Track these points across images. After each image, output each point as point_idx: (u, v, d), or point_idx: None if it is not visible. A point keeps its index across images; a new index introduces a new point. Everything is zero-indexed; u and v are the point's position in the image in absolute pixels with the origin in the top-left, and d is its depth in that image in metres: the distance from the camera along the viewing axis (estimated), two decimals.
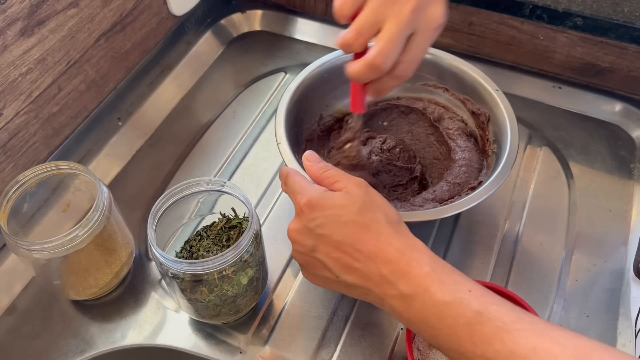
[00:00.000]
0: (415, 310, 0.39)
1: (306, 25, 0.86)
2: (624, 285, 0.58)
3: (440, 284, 0.39)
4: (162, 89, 0.77)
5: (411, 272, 0.40)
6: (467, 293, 0.38)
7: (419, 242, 0.42)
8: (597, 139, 0.71)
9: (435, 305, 0.38)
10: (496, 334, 0.36)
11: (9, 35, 0.54)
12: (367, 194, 0.44)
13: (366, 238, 0.41)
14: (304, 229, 0.44)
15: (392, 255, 0.40)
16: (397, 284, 0.40)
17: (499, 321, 0.36)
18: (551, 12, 0.71)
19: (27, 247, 0.48)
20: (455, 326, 0.37)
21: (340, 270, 0.42)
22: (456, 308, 0.38)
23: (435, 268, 0.40)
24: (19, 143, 0.60)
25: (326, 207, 0.43)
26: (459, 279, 0.40)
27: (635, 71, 0.72)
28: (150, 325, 0.56)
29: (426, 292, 0.39)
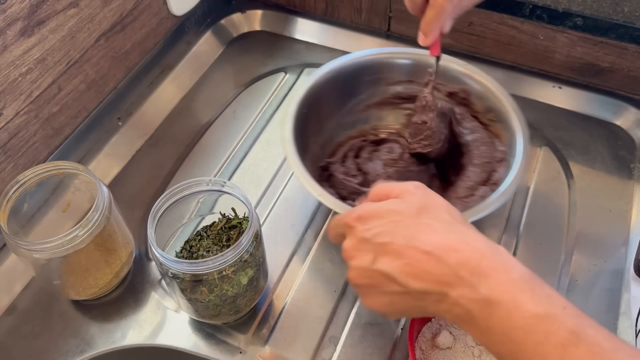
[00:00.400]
0: (498, 319, 0.34)
1: (306, 25, 0.86)
2: (624, 285, 0.58)
3: (532, 294, 0.34)
4: (162, 89, 0.77)
5: (496, 276, 0.34)
6: (561, 309, 0.34)
7: (499, 245, 0.37)
8: (597, 139, 0.71)
9: (523, 318, 0.33)
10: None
11: (9, 35, 0.54)
12: (425, 195, 0.40)
13: (434, 238, 0.37)
14: (360, 241, 0.39)
15: (471, 255, 0.35)
16: (478, 286, 0.34)
17: (597, 347, 0.32)
18: (551, 12, 0.71)
19: (27, 247, 0.48)
20: (545, 345, 0.33)
21: (407, 278, 0.37)
22: (549, 324, 0.33)
23: (524, 275, 0.35)
24: (19, 143, 0.60)
25: (381, 215, 0.39)
26: (552, 293, 0.35)
27: (635, 71, 0.72)
28: (150, 325, 0.56)
29: (514, 301, 0.34)
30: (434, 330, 0.53)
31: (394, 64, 0.66)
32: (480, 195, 0.57)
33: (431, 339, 0.52)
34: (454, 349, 0.51)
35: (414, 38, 0.81)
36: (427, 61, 0.63)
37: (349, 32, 0.84)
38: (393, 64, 0.66)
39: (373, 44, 0.82)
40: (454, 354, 0.51)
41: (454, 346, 0.51)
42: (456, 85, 0.63)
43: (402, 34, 0.82)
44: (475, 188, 0.58)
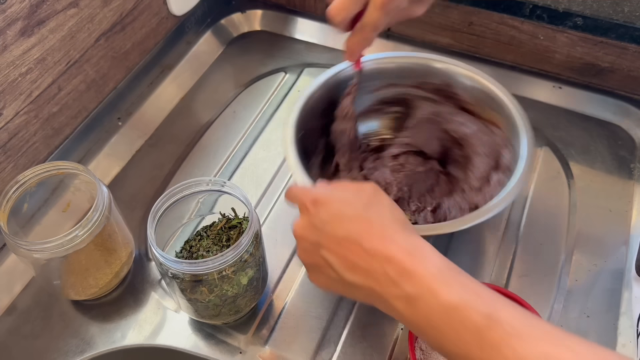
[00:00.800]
0: (420, 312, 0.38)
1: (306, 25, 0.86)
2: (624, 285, 0.58)
3: (447, 285, 0.37)
4: (162, 89, 0.77)
5: (416, 272, 0.38)
6: (475, 296, 0.37)
7: (426, 242, 0.41)
8: (597, 139, 0.71)
9: (441, 308, 0.37)
10: (506, 340, 0.34)
11: (9, 35, 0.54)
12: (375, 191, 0.43)
13: (371, 233, 0.40)
14: (309, 225, 0.43)
15: (397, 254, 0.39)
16: (401, 284, 0.38)
17: (509, 327, 0.35)
18: (551, 12, 0.71)
19: (27, 247, 0.48)
20: (463, 330, 0.36)
21: (344, 269, 0.41)
22: (463, 311, 0.36)
23: (442, 269, 0.38)
24: (18, 143, 0.60)
25: (332, 201, 0.42)
26: (467, 281, 0.38)
27: (635, 71, 0.72)
28: (150, 325, 0.56)
29: (432, 294, 0.37)
30: None
31: (372, 71, 0.64)
32: (497, 182, 0.56)
33: None
34: None
35: (414, 38, 0.81)
36: (408, 63, 0.64)
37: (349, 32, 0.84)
38: (371, 72, 0.64)
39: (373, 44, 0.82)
40: None
41: None
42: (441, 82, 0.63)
43: (402, 33, 0.82)
44: (488, 175, 0.58)
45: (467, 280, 0.38)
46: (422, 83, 0.63)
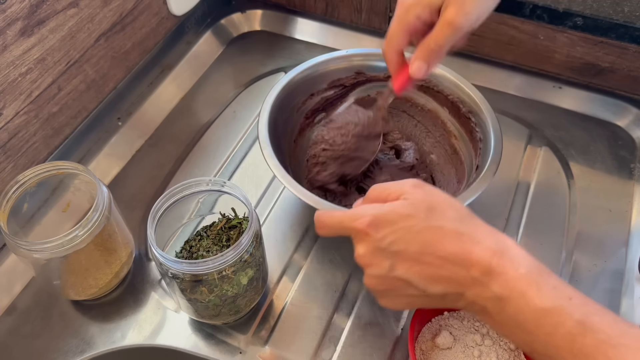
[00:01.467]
0: (510, 313, 0.37)
1: (306, 25, 0.86)
2: (625, 285, 0.58)
3: (538, 288, 0.36)
4: (162, 89, 0.77)
5: (505, 273, 0.37)
6: (567, 300, 0.36)
7: (507, 237, 0.39)
8: (597, 139, 0.71)
9: (532, 312, 0.36)
10: (600, 348, 0.34)
11: (9, 35, 0.54)
12: (427, 193, 0.41)
13: (446, 242, 0.38)
14: (376, 251, 0.40)
15: (482, 255, 0.37)
16: (490, 285, 0.37)
17: (603, 334, 0.34)
18: (551, 12, 0.71)
19: (27, 247, 0.48)
20: (554, 335, 0.35)
21: (426, 283, 0.39)
22: (556, 316, 0.35)
23: (531, 270, 0.37)
24: (18, 143, 0.60)
25: (392, 221, 0.39)
26: (558, 284, 0.37)
27: (635, 71, 0.72)
28: (150, 325, 0.56)
29: (522, 297, 0.36)
30: (434, 330, 0.53)
31: (320, 75, 0.66)
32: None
33: (431, 339, 0.52)
34: (454, 349, 0.51)
35: None
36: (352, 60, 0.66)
37: (349, 32, 0.84)
38: (318, 76, 0.66)
39: (373, 44, 0.82)
40: (454, 354, 0.51)
41: (454, 346, 0.51)
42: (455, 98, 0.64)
43: None
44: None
45: (558, 282, 0.37)
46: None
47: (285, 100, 0.63)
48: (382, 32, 0.83)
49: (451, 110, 0.64)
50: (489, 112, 0.59)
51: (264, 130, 0.58)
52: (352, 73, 0.66)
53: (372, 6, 0.81)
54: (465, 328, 0.52)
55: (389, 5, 0.80)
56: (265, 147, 0.57)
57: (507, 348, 0.51)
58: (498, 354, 0.50)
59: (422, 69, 0.50)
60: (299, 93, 0.65)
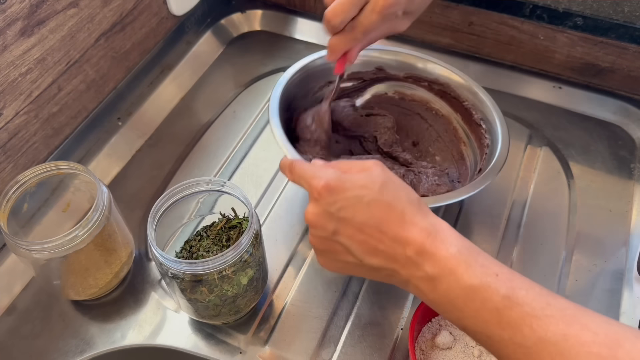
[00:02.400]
0: (441, 292, 0.39)
1: (306, 25, 0.86)
2: (624, 285, 0.58)
3: (466, 266, 0.38)
4: (162, 89, 0.77)
5: (437, 254, 0.39)
6: (494, 277, 0.38)
7: (444, 222, 0.41)
8: (597, 139, 0.71)
9: (461, 289, 0.38)
10: (525, 320, 0.35)
11: (9, 35, 0.54)
12: (384, 171, 0.42)
13: (391, 218, 0.40)
14: (325, 213, 0.42)
15: (417, 236, 0.39)
16: (422, 265, 0.39)
17: (528, 307, 0.36)
18: (551, 12, 0.71)
19: (27, 247, 0.48)
20: (482, 310, 0.37)
21: (364, 254, 0.41)
22: (483, 292, 0.37)
23: (461, 249, 0.39)
24: (18, 143, 0.60)
25: (346, 188, 0.41)
26: (486, 262, 0.39)
27: (635, 71, 0.72)
28: (150, 326, 0.56)
29: (452, 275, 0.38)
30: (434, 330, 0.53)
31: (316, 73, 0.66)
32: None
33: (431, 339, 0.52)
34: (454, 349, 0.51)
35: (415, 38, 0.81)
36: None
37: None
38: (315, 73, 0.66)
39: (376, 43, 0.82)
40: (454, 354, 0.51)
41: (454, 346, 0.51)
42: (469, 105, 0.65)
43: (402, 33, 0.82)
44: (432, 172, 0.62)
45: (486, 260, 0.39)
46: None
47: (303, 82, 0.64)
48: None
49: (464, 116, 0.64)
50: (500, 120, 0.60)
51: (275, 100, 0.59)
52: (372, 68, 0.67)
53: None
54: None
55: None
56: (274, 117, 0.58)
57: None
58: None
59: (351, 54, 0.55)
60: (317, 78, 0.65)
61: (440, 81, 0.65)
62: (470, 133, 0.64)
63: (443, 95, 0.66)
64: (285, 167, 0.47)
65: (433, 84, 0.66)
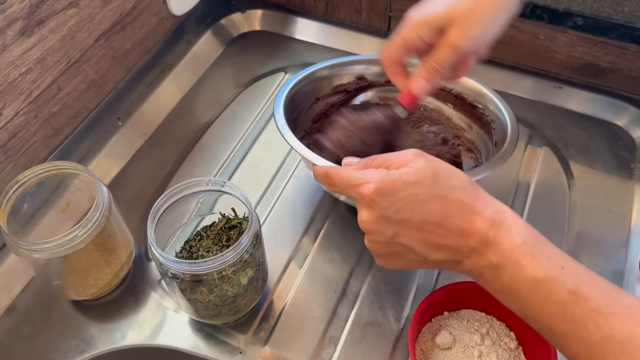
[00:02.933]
0: (505, 282, 0.38)
1: (306, 25, 0.86)
2: (625, 285, 0.58)
3: (532, 257, 0.37)
4: (162, 89, 0.77)
5: (501, 243, 0.38)
6: (559, 270, 0.37)
7: (507, 208, 0.40)
8: (597, 139, 0.71)
9: (526, 280, 0.37)
10: (590, 316, 0.35)
11: (9, 35, 0.54)
12: (429, 161, 0.41)
13: (449, 212, 0.39)
14: (382, 218, 0.41)
15: (481, 226, 0.39)
16: (486, 254, 0.39)
17: (594, 302, 0.35)
18: (551, 12, 0.71)
19: (27, 247, 0.48)
20: (546, 303, 0.37)
21: (428, 250, 0.41)
22: (548, 286, 0.37)
23: (526, 240, 0.38)
24: (18, 143, 0.60)
25: (399, 189, 0.40)
26: (552, 254, 0.38)
27: (635, 71, 0.72)
28: (150, 326, 0.56)
29: (517, 266, 0.38)
30: (434, 330, 0.53)
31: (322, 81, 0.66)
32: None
33: (431, 339, 0.52)
34: (454, 349, 0.51)
35: None
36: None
37: (349, 32, 0.84)
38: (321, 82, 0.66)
39: (373, 44, 0.82)
40: (454, 354, 0.51)
41: (454, 346, 0.51)
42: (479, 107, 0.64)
43: None
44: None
45: (553, 252, 0.38)
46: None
47: (293, 101, 0.63)
48: (382, 32, 0.83)
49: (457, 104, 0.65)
50: (496, 96, 0.61)
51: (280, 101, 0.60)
52: (353, 78, 0.66)
53: (372, 6, 0.81)
54: (465, 328, 0.52)
55: (389, 5, 0.80)
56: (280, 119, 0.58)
57: (507, 348, 0.51)
58: (498, 354, 0.50)
59: (423, 85, 0.50)
60: (306, 96, 0.65)
61: None
62: (467, 117, 0.65)
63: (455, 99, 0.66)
64: (322, 178, 0.45)
65: None
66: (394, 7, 0.80)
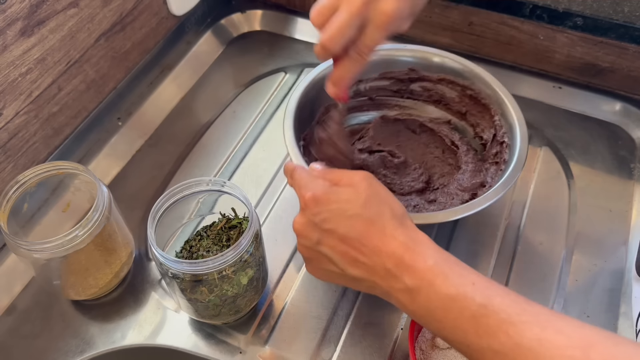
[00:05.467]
0: (420, 303, 0.40)
1: (306, 25, 0.86)
2: (624, 285, 0.58)
3: (444, 277, 0.39)
4: (162, 89, 0.77)
5: (415, 266, 0.40)
6: (471, 286, 0.39)
7: (424, 235, 0.42)
8: (597, 139, 0.71)
9: (439, 299, 0.39)
10: (501, 327, 0.36)
11: (9, 35, 0.54)
12: (371, 186, 0.43)
13: (371, 232, 0.41)
14: (309, 223, 0.44)
15: (397, 249, 0.41)
16: (402, 277, 0.40)
17: (503, 313, 0.37)
18: (551, 12, 0.71)
19: (27, 247, 0.48)
20: (460, 319, 0.38)
21: (345, 264, 0.43)
22: (460, 301, 0.38)
23: (438, 261, 0.40)
24: (18, 143, 0.60)
25: (331, 201, 0.43)
26: (463, 272, 0.40)
27: (635, 71, 0.72)
28: (150, 325, 0.56)
29: (430, 286, 0.39)
30: None
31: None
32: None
33: (431, 339, 0.52)
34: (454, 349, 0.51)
35: (414, 38, 0.81)
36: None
37: None
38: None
39: None
40: (454, 354, 0.51)
41: None
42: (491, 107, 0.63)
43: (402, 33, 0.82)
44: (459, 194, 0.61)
45: (463, 270, 0.40)
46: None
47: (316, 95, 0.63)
48: None
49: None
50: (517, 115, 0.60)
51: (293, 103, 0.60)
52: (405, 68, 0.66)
53: None
54: None
55: None
56: (288, 118, 0.58)
57: None
58: None
59: (329, 87, 0.50)
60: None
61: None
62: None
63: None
64: (288, 172, 0.48)
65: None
66: None
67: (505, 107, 0.60)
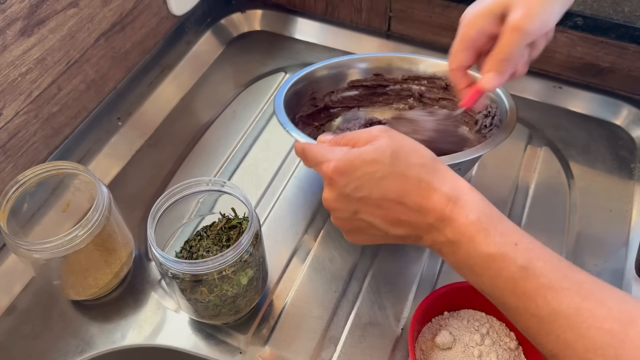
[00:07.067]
0: (461, 257, 0.39)
1: (306, 25, 0.86)
2: (624, 285, 0.58)
3: (485, 234, 0.38)
4: (162, 89, 0.77)
5: (456, 220, 0.39)
6: (512, 246, 0.38)
7: (464, 183, 0.41)
8: (597, 139, 0.71)
9: (479, 256, 0.38)
10: (540, 291, 0.36)
11: (9, 35, 0.54)
12: (392, 138, 0.42)
13: (408, 188, 0.40)
14: (341, 196, 0.42)
15: (437, 203, 0.39)
16: (443, 230, 0.39)
17: (544, 278, 0.36)
18: None
19: (27, 247, 0.48)
20: (499, 278, 0.37)
21: (388, 226, 0.42)
22: (500, 262, 0.37)
23: (480, 217, 0.39)
24: (18, 143, 0.60)
25: (356, 167, 0.41)
26: (506, 230, 0.39)
27: (635, 71, 0.72)
28: (150, 326, 0.56)
29: (470, 242, 0.38)
30: (434, 330, 0.53)
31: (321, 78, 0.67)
32: None
33: (431, 339, 0.52)
34: (454, 349, 0.51)
35: (414, 38, 0.81)
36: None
37: (349, 32, 0.84)
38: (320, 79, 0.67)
39: (373, 44, 0.82)
40: (454, 354, 0.51)
41: (454, 346, 0.51)
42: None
43: (402, 33, 0.82)
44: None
45: (507, 228, 0.39)
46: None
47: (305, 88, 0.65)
48: (382, 32, 0.83)
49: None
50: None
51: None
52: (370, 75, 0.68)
53: (372, 6, 0.81)
54: (465, 328, 0.52)
55: (389, 5, 0.80)
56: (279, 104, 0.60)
57: (507, 348, 0.51)
58: (498, 354, 0.50)
59: (493, 80, 0.49)
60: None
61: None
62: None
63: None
64: (299, 152, 0.46)
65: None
66: (394, 7, 0.80)
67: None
